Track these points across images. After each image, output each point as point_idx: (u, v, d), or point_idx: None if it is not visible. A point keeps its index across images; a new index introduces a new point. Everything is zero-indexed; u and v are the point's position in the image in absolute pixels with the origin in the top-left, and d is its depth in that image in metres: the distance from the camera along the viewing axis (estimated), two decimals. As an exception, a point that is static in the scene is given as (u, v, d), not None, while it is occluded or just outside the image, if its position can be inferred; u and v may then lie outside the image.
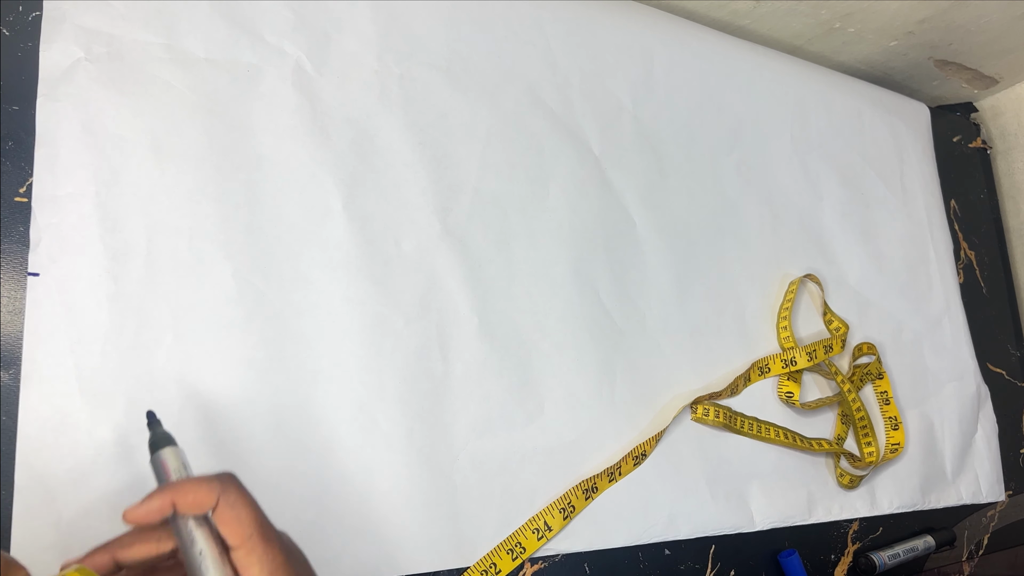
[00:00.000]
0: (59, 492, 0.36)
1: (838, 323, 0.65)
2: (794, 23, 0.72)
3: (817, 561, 0.61)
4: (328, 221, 0.45)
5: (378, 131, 0.48)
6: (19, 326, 0.37)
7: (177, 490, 0.29)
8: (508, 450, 0.48)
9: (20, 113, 0.39)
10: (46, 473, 0.36)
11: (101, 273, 0.39)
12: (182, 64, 0.43)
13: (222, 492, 0.30)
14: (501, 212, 0.52)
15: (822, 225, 0.69)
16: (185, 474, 0.32)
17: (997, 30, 0.76)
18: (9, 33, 0.39)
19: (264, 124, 0.45)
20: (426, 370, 0.47)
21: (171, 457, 0.32)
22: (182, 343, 0.40)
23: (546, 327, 0.52)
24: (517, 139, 0.54)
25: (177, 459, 0.32)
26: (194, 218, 0.42)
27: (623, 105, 0.60)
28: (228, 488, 0.30)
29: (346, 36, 0.49)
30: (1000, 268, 0.85)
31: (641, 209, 0.58)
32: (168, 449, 0.32)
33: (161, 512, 0.29)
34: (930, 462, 0.69)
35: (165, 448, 0.32)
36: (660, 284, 0.58)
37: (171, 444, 0.32)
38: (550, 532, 0.48)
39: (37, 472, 0.36)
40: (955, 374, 0.74)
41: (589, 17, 0.59)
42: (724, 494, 0.56)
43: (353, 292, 0.45)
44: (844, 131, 0.73)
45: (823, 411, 0.64)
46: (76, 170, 0.39)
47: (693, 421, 0.56)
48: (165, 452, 0.32)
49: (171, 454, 0.32)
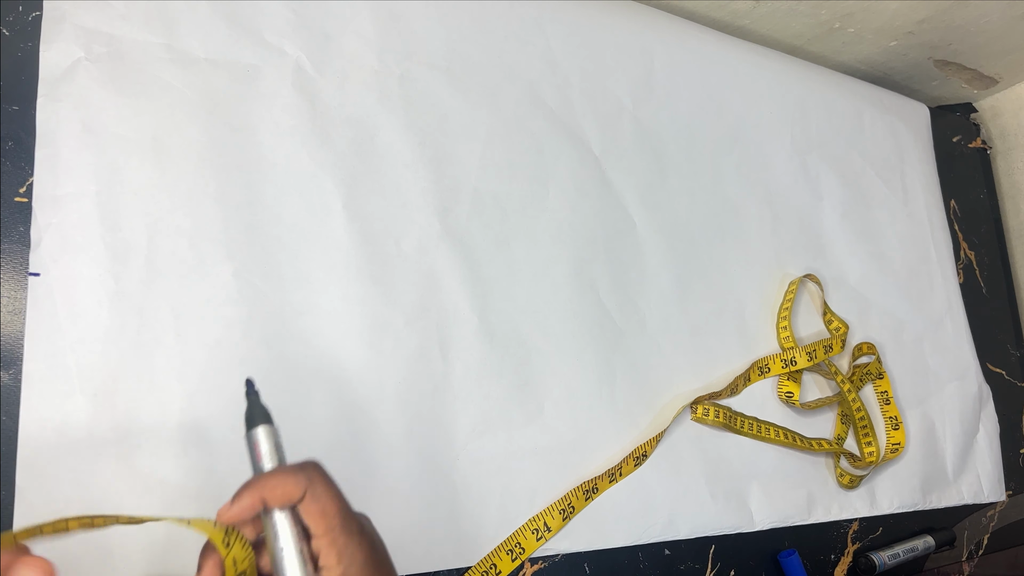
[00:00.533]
0: (60, 492, 0.36)
1: (838, 323, 0.65)
2: (794, 23, 0.73)
3: (817, 561, 0.61)
4: (328, 221, 0.46)
5: (378, 131, 0.48)
6: (20, 326, 0.37)
7: (265, 485, 0.29)
8: (508, 450, 0.48)
9: (20, 113, 0.39)
10: (47, 473, 0.36)
11: (102, 273, 0.39)
12: (182, 64, 0.43)
13: (309, 485, 0.30)
14: (501, 212, 0.52)
15: (822, 225, 0.69)
16: (277, 459, 0.31)
17: (997, 30, 0.76)
18: (9, 33, 0.39)
19: (264, 124, 0.45)
20: (426, 370, 0.47)
21: (264, 438, 0.31)
22: (183, 343, 0.40)
23: (546, 327, 0.52)
24: (517, 139, 0.54)
25: (270, 441, 0.31)
26: (194, 218, 0.42)
27: (623, 105, 0.60)
28: (315, 480, 0.30)
29: (346, 36, 0.49)
30: (1000, 268, 0.85)
31: (641, 209, 0.58)
32: (262, 428, 0.31)
33: (253, 509, 0.29)
34: (931, 462, 0.69)
35: (259, 427, 0.31)
36: (660, 284, 0.58)
37: (266, 422, 0.31)
38: (549, 533, 0.48)
39: (38, 472, 0.36)
40: (956, 373, 0.74)
41: (589, 17, 0.59)
42: (724, 494, 0.56)
43: (353, 292, 0.45)
44: (844, 131, 0.73)
45: (823, 411, 0.64)
46: (76, 170, 0.39)
47: (693, 421, 0.56)
48: (259, 432, 0.31)
49: (264, 434, 0.31)
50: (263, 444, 0.31)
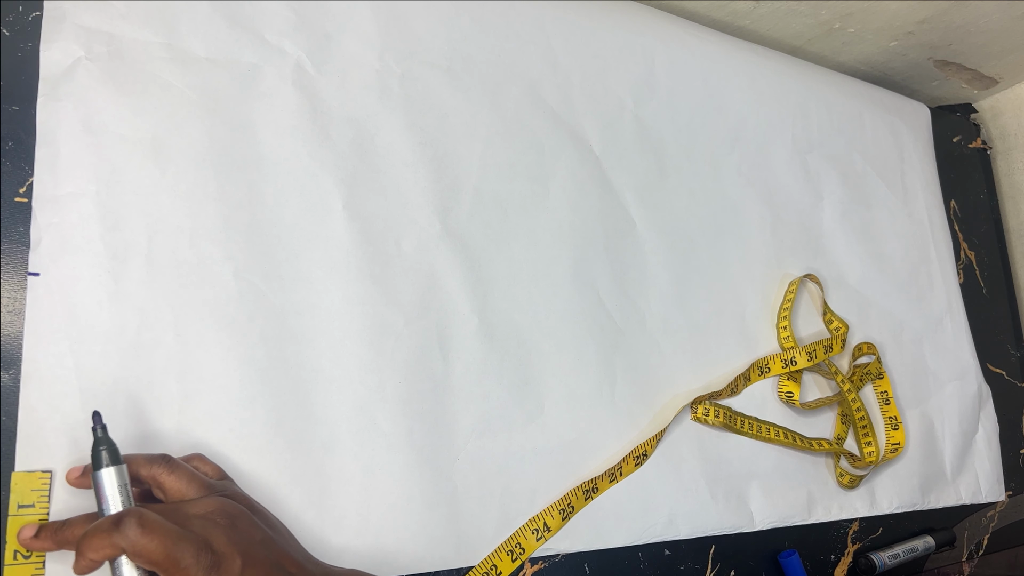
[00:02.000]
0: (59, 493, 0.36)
1: (838, 323, 0.65)
2: (794, 23, 0.73)
3: (817, 561, 0.61)
4: (328, 221, 0.45)
5: (379, 131, 0.48)
6: (19, 326, 0.37)
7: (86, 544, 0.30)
8: (508, 450, 0.48)
9: (20, 113, 0.39)
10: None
11: (102, 273, 0.39)
12: (182, 63, 0.43)
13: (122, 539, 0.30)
14: (501, 212, 0.52)
15: (822, 225, 0.69)
16: (122, 500, 0.32)
17: (997, 30, 0.76)
18: (9, 33, 0.39)
19: (265, 124, 0.45)
20: (426, 370, 0.47)
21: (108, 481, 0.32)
22: (183, 343, 0.40)
23: (546, 327, 0.52)
24: (518, 139, 0.54)
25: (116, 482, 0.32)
26: (195, 218, 0.42)
27: (624, 105, 0.60)
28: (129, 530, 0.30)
29: (347, 36, 0.49)
30: (1000, 268, 0.85)
31: (641, 209, 0.58)
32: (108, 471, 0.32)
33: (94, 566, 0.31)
34: (930, 462, 0.69)
35: (104, 469, 0.32)
36: (660, 284, 0.58)
37: (115, 463, 0.33)
38: (549, 533, 0.48)
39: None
40: (956, 374, 0.74)
41: (590, 17, 0.59)
42: (724, 494, 0.56)
43: (353, 292, 0.45)
44: (844, 131, 0.73)
45: (823, 411, 0.64)
46: (76, 170, 0.39)
47: (693, 421, 0.56)
48: (103, 474, 0.32)
49: (109, 476, 0.32)
50: (107, 487, 0.32)
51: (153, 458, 0.35)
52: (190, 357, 0.40)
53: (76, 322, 0.38)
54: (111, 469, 0.32)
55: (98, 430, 0.33)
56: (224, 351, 0.41)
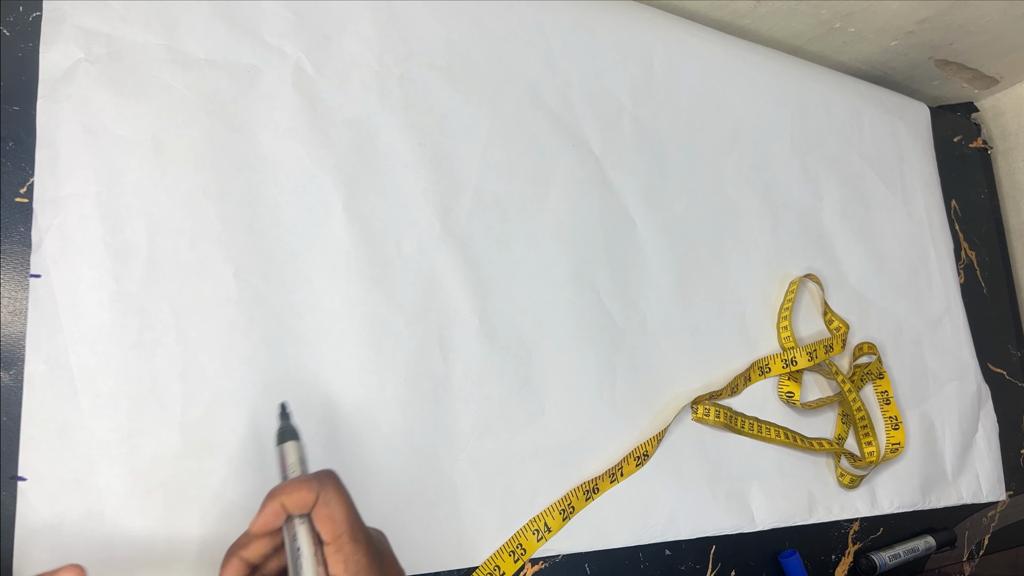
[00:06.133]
0: (61, 494, 0.36)
1: (838, 323, 0.65)
2: (794, 23, 0.72)
3: (818, 561, 0.61)
4: (328, 222, 0.46)
5: (378, 132, 0.48)
6: (21, 327, 0.37)
7: (283, 492, 0.32)
8: (508, 451, 0.48)
9: (21, 114, 0.39)
10: (48, 474, 0.36)
11: (102, 273, 0.39)
12: (182, 65, 0.43)
13: (320, 490, 0.32)
14: (501, 212, 0.52)
15: (822, 225, 0.69)
16: (300, 470, 0.35)
17: (997, 30, 0.76)
18: (9, 33, 0.39)
19: (264, 125, 0.45)
20: (426, 371, 0.47)
21: (291, 451, 0.36)
22: (183, 344, 0.40)
23: (546, 327, 0.52)
24: (517, 139, 0.54)
25: (295, 454, 0.36)
26: (195, 219, 0.42)
27: (623, 105, 0.60)
28: (326, 486, 0.32)
29: (346, 37, 0.49)
30: (1000, 268, 0.85)
31: (641, 209, 0.58)
32: (290, 444, 0.36)
33: (277, 516, 0.32)
34: (930, 462, 0.69)
35: (288, 442, 0.36)
36: (660, 284, 0.58)
37: (294, 439, 0.36)
38: (549, 533, 0.48)
39: (39, 473, 0.36)
40: (956, 373, 0.74)
41: (589, 17, 0.59)
42: (725, 494, 0.56)
43: (353, 293, 0.45)
44: (844, 131, 0.73)
45: (823, 411, 0.64)
46: (77, 171, 0.39)
47: (693, 421, 0.56)
48: (287, 446, 0.36)
49: (292, 448, 0.36)
50: (289, 456, 0.36)
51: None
52: (191, 358, 0.40)
53: (77, 323, 0.38)
54: (293, 443, 0.36)
55: (284, 416, 0.37)
56: (225, 352, 0.41)
